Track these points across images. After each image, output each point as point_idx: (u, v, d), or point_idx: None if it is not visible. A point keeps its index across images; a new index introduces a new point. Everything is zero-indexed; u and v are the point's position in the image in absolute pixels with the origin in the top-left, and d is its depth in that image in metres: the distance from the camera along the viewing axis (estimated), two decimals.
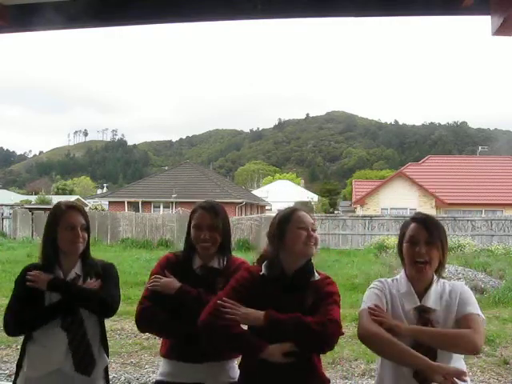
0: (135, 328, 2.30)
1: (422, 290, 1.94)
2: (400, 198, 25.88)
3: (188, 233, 2.26)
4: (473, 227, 17.98)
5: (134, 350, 5.47)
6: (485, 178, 27.24)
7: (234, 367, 2.20)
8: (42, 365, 2.23)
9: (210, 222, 2.18)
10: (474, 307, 1.89)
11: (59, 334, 2.18)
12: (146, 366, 5.04)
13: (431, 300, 1.92)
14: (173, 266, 2.22)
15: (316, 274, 2.03)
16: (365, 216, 20.03)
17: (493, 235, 17.87)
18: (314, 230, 2.00)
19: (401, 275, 2.02)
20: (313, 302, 1.96)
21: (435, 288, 1.94)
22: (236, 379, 2.14)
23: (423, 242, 1.91)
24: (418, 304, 1.92)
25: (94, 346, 2.24)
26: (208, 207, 2.22)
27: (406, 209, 25.60)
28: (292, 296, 1.96)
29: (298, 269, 1.98)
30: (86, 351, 2.19)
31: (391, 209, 25.23)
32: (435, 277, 1.97)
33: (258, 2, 2.12)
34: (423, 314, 1.90)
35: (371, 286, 2.05)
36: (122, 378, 4.64)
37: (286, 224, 1.99)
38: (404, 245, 1.97)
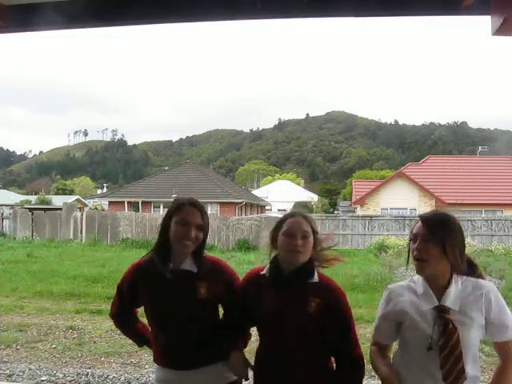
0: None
1: (440, 290, 1.88)
2: (400, 198, 25.87)
3: (164, 230, 2.09)
4: (473, 227, 17.97)
5: (134, 350, 5.47)
6: (485, 178, 27.23)
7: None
8: None
9: (199, 222, 2.06)
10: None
11: None
12: (146, 366, 5.04)
13: (450, 299, 1.85)
14: (144, 274, 2.11)
15: (316, 276, 2.03)
16: (365, 216, 20.02)
17: (493, 235, 17.86)
18: (304, 237, 1.99)
19: (418, 276, 1.97)
20: (319, 309, 1.96)
21: (455, 287, 1.87)
22: (232, 379, 2.13)
23: (421, 240, 1.87)
24: (437, 304, 1.86)
25: None
26: (197, 205, 2.10)
27: (406, 209, 25.60)
28: (290, 296, 1.98)
29: (295, 269, 2.00)
30: None
31: (391, 209, 25.21)
32: (454, 275, 1.89)
33: (258, 2, 2.12)
34: (442, 315, 1.84)
35: (383, 296, 2.05)
36: (122, 378, 4.65)
37: (277, 230, 2.06)
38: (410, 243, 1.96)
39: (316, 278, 2.02)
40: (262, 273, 2.09)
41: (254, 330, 2.19)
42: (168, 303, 2.06)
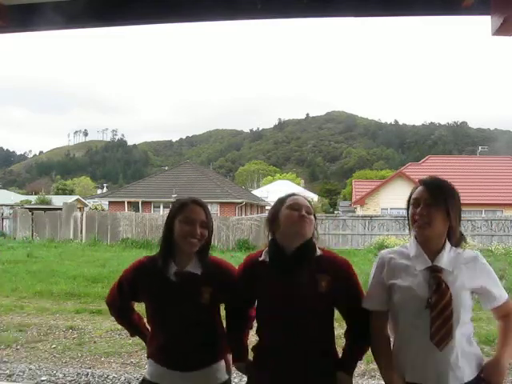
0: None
1: (433, 252, 1.89)
2: (400, 198, 25.64)
3: (168, 230, 2.08)
4: (473, 227, 17.97)
5: (134, 350, 5.47)
6: (485, 178, 27.22)
7: (222, 368, 2.14)
8: None
9: (204, 219, 2.06)
10: (502, 289, 1.92)
11: None
12: (146, 366, 5.03)
13: (443, 261, 1.87)
14: (147, 272, 2.10)
15: (318, 250, 2.00)
16: (365, 216, 20.02)
17: (493, 235, 17.87)
18: (308, 213, 1.96)
19: (410, 240, 1.98)
20: (330, 286, 1.93)
21: (448, 250, 1.89)
22: (224, 379, 2.13)
23: (424, 204, 1.86)
24: (430, 264, 1.87)
25: None
26: (201, 203, 2.10)
27: (406, 208, 25.60)
28: (297, 277, 1.92)
29: (297, 247, 1.95)
30: None
31: (391, 209, 25.19)
32: (447, 242, 1.91)
33: (258, 2, 2.11)
34: (435, 274, 1.85)
35: (374, 262, 2.05)
36: (122, 378, 4.65)
37: (280, 205, 2.01)
38: (410, 207, 1.95)
39: (319, 252, 1.99)
40: (260, 259, 2.02)
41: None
42: (170, 305, 2.05)
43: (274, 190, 54.93)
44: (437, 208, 1.86)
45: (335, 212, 43.85)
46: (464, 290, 1.86)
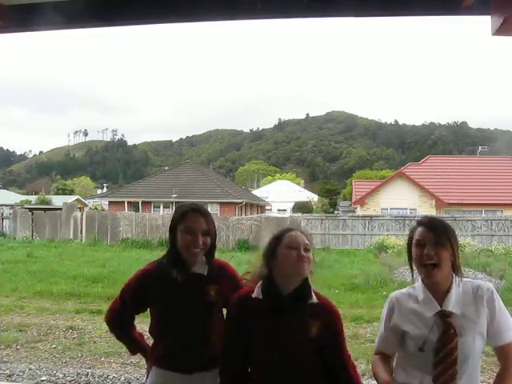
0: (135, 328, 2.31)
1: (441, 295, 1.88)
2: (400, 198, 25.87)
3: (172, 238, 2.10)
4: (473, 227, 17.97)
5: None
6: (485, 178, 27.22)
7: None
8: None
9: (205, 227, 2.06)
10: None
11: None
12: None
13: (452, 303, 1.85)
14: (155, 278, 2.09)
15: (314, 296, 1.95)
16: (365, 216, 20.02)
17: (493, 235, 17.86)
18: (306, 250, 1.91)
19: (418, 283, 1.96)
20: (319, 333, 1.90)
21: (456, 290, 1.87)
22: None
23: (431, 244, 1.85)
24: (439, 309, 1.86)
25: None
26: (201, 210, 2.10)
27: (406, 209, 25.60)
28: (290, 319, 1.89)
29: (294, 289, 1.90)
30: None
31: (391, 209, 25.21)
32: (455, 278, 1.90)
33: (258, 2, 2.11)
34: (445, 319, 1.84)
35: (384, 305, 2.03)
36: (122, 378, 4.65)
37: (278, 244, 1.94)
38: (413, 249, 1.92)
39: (315, 299, 1.94)
40: (253, 295, 1.94)
41: None
42: (178, 306, 2.06)
43: (274, 189, 55.03)
44: (443, 248, 1.86)
45: (335, 212, 43.82)
46: (473, 335, 1.84)
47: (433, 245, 1.85)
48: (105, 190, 52.78)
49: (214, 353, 2.07)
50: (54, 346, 5.76)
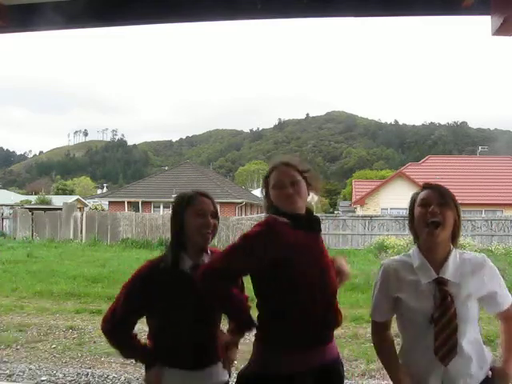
0: (135, 328, 2.27)
1: (438, 262, 1.86)
2: (400, 198, 25.79)
3: (178, 225, 2.03)
4: (473, 227, 17.97)
5: None
6: (485, 178, 27.22)
7: (222, 368, 2.12)
8: None
9: (213, 209, 2.07)
10: (507, 293, 1.92)
11: None
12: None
13: (449, 272, 1.84)
14: (158, 274, 2.01)
15: None
16: (365, 216, 20.02)
17: (493, 235, 17.86)
18: (294, 184, 1.92)
19: (413, 249, 1.94)
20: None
21: (453, 259, 1.86)
22: (226, 379, 2.13)
23: (436, 203, 1.85)
24: (435, 277, 1.84)
25: None
26: (207, 194, 2.10)
27: (406, 209, 25.51)
28: (318, 235, 1.98)
29: (305, 211, 1.97)
30: None
31: (391, 209, 25.19)
32: (452, 247, 1.89)
33: (258, 2, 2.11)
34: (441, 287, 1.82)
35: (377, 273, 2.02)
36: (122, 378, 4.65)
37: (267, 186, 2.00)
38: (416, 210, 1.91)
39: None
40: (283, 220, 1.88)
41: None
42: (187, 299, 2.02)
43: None
44: (448, 208, 1.86)
45: (335, 212, 43.85)
46: (470, 301, 1.84)
47: (438, 204, 1.85)
48: (105, 190, 52.74)
49: (214, 349, 2.08)
50: (53, 346, 5.76)
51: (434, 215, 1.84)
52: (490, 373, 1.88)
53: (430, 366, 1.82)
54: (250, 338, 2.27)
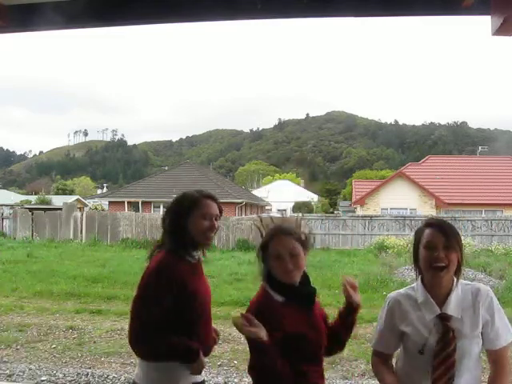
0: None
1: (441, 298, 1.89)
2: (400, 198, 25.86)
3: (184, 223, 2.04)
4: (473, 227, 17.96)
5: None
6: (485, 178, 27.23)
7: None
8: None
9: (218, 212, 2.12)
10: (506, 332, 1.89)
11: None
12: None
13: (452, 307, 1.87)
14: (181, 267, 2.00)
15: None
16: (365, 216, 20.02)
17: (493, 235, 17.86)
18: (293, 256, 1.88)
19: (417, 284, 1.97)
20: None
21: (456, 293, 1.89)
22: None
23: (441, 247, 1.86)
24: (439, 312, 1.87)
25: None
26: (213, 196, 2.14)
27: (406, 209, 25.59)
28: (311, 310, 1.94)
29: (300, 281, 1.92)
30: None
31: (391, 209, 25.20)
32: (455, 281, 1.91)
33: (258, 2, 2.11)
34: (444, 323, 1.85)
35: (383, 306, 2.04)
36: (122, 378, 4.65)
37: (265, 253, 1.94)
38: (421, 250, 1.91)
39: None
40: (278, 299, 1.89)
41: None
42: (203, 292, 2.10)
43: (274, 189, 54.94)
44: (453, 251, 1.87)
45: (335, 212, 43.85)
46: (473, 338, 1.85)
47: (444, 248, 1.86)
48: (105, 190, 52.76)
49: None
50: (53, 345, 5.76)
51: (439, 260, 1.86)
52: None
53: None
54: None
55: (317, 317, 1.95)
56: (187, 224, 2.04)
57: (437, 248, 1.86)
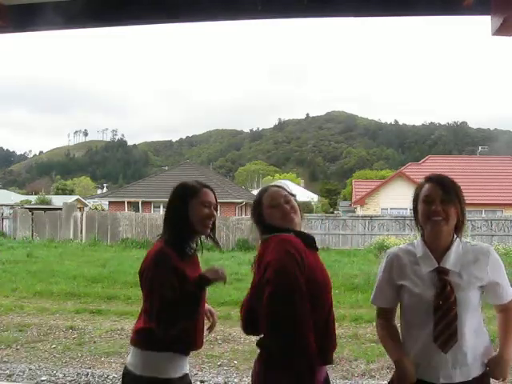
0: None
1: (440, 252, 1.89)
2: (400, 198, 25.80)
3: (184, 212, 2.06)
4: (473, 227, 17.96)
5: None
6: (485, 178, 27.21)
7: None
8: None
9: (215, 202, 2.17)
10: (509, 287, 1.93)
11: None
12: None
13: (450, 261, 1.87)
14: (182, 257, 2.04)
15: None
16: (365, 216, 20.02)
17: (493, 235, 17.85)
18: (287, 202, 1.98)
19: (417, 240, 1.99)
20: None
21: (456, 249, 1.89)
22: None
23: (439, 201, 1.87)
24: (436, 266, 1.87)
25: None
26: (209, 186, 2.19)
27: (406, 209, 25.50)
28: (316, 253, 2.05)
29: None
30: None
31: (391, 209, 25.18)
32: (455, 237, 1.92)
33: (259, 3, 2.11)
34: (441, 276, 1.85)
35: (382, 260, 2.06)
36: None
37: (260, 208, 2.01)
38: (420, 204, 1.94)
39: None
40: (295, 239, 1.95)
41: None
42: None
43: None
44: (451, 204, 1.88)
45: (335, 212, 43.84)
46: (471, 290, 1.86)
47: (441, 202, 1.87)
48: (105, 190, 52.74)
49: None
50: (53, 345, 5.75)
51: (436, 214, 1.86)
52: (487, 369, 1.90)
53: (429, 354, 1.85)
54: (249, 338, 2.27)
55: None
56: (187, 212, 2.07)
57: (434, 202, 1.88)
